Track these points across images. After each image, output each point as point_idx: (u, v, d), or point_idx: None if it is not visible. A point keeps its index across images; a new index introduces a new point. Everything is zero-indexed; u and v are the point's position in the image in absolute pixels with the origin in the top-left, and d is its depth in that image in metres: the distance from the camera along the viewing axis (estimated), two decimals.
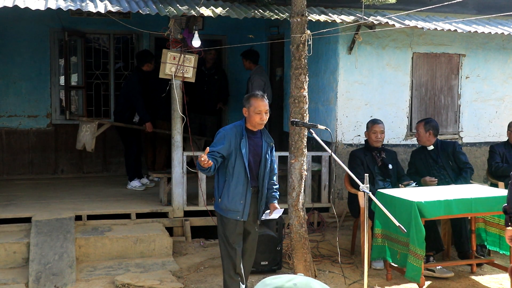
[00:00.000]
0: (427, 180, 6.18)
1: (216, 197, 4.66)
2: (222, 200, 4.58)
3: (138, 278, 5.48)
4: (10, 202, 6.96)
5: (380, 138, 6.30)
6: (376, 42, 7.23)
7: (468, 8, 7.58)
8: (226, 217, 4.61)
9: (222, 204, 4.60)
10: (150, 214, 6.81)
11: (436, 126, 6.44)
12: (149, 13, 6.05)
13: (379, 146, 6.32)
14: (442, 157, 6.36)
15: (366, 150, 6.34)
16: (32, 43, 8.68)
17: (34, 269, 5.48)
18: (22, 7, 5.70)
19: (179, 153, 6.73)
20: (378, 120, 6.43)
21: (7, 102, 8.69)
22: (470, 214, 5.56)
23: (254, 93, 4.71)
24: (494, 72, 7.75)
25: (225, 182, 4.58)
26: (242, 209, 4.58)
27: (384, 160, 6.28)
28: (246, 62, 8.42)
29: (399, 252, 5.29)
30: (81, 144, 7.55)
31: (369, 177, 6.01)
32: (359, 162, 6.21)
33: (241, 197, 4.57)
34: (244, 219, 4.62)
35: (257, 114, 4.55)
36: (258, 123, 4.60)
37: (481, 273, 5.89)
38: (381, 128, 6.31)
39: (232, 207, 4.57)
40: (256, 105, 4.55)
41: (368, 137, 6.34)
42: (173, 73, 6.48)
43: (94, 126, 7.46)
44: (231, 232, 4.63)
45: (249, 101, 4.59)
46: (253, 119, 4.57)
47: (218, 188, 4.64)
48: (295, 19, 5.27)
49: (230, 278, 4.68)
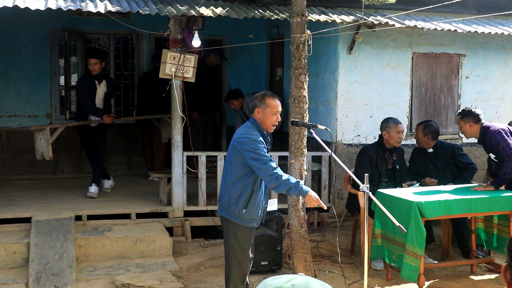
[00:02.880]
0: (427, 181, 6.17)
1: (238, 208, 4.23)
2: (247, 211, 4.23)
3: (138, 278, 5.48)
4: (10, 202, 6.97)
5: (402, 138, 6.12)
6: (376, 42, 7.23)
7: (468, 8, 7.58)
8: (247, 227, 4.31)
9: (246, 215, 4.24)
10: (150, 214, 6.81)
11: (435, 130, 6.27)
12: (149, 13, 6.05)
13: (399, 146, 6.16)
14: (442, 161, 6.32)
15: (379, 148, 6.15)
16: (32, 43, 8.67)
17: (34, 269, 5.48)
18: (22, 7, 5.70)
19: (179, 153, 6.73)
20: (398, 119, 6.23)
21: (7, 102, 8.69)
22: (470, 214, 5.56)
23: (267, 92, 4.43)
24: (494, 72, 7.75)
25: (252, 193, 4.24)
26: (259, 216, 4.35)
27: (394, 163, 6.14)
28: (236, 102, 8.20)
29: (395, 253, 5.30)
30: (39, 154, 7.27)
31: (375, 176, 6.01)
32: (368, 160, 6.07)
33: (260, 206, 4.32)
34: (258, 225, 4.42)
35: (274, 115, 4.26)
36: (273, 125, 4.31)
37: (481, 273, 5.90)
38: (403, 128, 6.13)
39: (255, 216, 4.30)
40: (274, 105, 4.26)
41: (389, 136, 6.05)
42: (173, 73, 6.48)
43: (47, 132, 7.17)
44: (250, 241, 4.38)
45: (264, 101, 4.27)
46: (269, 120, 4.27)
47: (243, 200, 4.22)
48: (295, 19, 5.28)
49: None
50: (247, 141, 4.16)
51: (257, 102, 4.30)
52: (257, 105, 4.29)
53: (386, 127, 6.08)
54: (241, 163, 4.21)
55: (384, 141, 6.10)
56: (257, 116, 4.28)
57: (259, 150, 4.12)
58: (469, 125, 5.77)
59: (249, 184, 4.22)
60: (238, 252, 4.33)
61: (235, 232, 4.31)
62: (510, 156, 5.51)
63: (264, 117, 4.26)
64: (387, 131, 6.07)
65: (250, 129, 4.24)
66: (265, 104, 4.25)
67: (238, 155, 4.21)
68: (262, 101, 4.27)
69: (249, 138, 4.16)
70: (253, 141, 4.14)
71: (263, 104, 4.26)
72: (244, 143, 4.16)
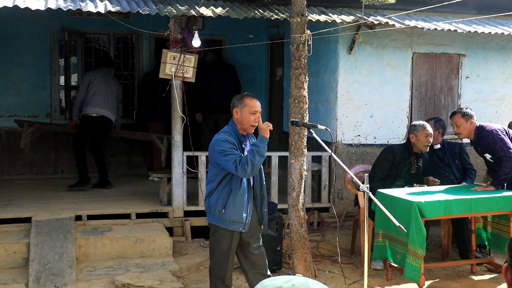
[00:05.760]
0: (430, 180, 6.16)
1: (218, 209, 4.26)
2: (226, 211, 4.23)
3: (138, 278, 5.49)
4: (10, 202, 6.96)
5: (430, 142, 5.96)
6: (376, 42, 7.23)
7: (468, 8, 7.58)
8: (228, 230, 4.30)
9: (225, 216, 4.24)
10: (150, 214, 6.81)
11: (444, 125, 6.45)
12: (149, 13, 6.05)
13: (426, 151, 6.04)
14: (449, 156, 6.36)
15: (406, 151, 5.98)
16: (32, 43, 8.67)
17: (34, 269, 5.48)
18: (22, 7, 5.70)
19: (179, 153, 6.73)
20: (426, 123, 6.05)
21: (7, 102, 8.69)
22: (470, 214, 5.56)
23: (247, 93, 4.45)
24: (494, 72, 7.75)
25: (231, 192, 4.25)
26: (245, 220, 4.29)
27: (418, 169, 6.03)
28: None
29: (399, 252, 5.30)
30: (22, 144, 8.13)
31: (391, 176, 5.96)
32: (391, 160, 5.91)
33: (244, 207, 4.28)
34: (245, 230, 4.33)
35: (252, 114, 4.27)
36: (252, 125, 4.30)
37: (481, 273, 5.90)
38: (431, 132, 5.93)
39: (237, 219, 4.26)
40: (252, 105, 4.28)
41: (416, 140, 5.87)
42: (173, 73, 6.48)
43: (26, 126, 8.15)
44: (230, 244, 4.34)
45: (243, 100, 4.30)
46: (247, 120, 4.28)
47: (221, 199, 4.25)
48: (295, 19, 5.28)
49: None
50: (215, 143, 4.26)
51: (235, 102, 4.34)
52: (235, 105, 4.33)
53: (413, 131, 5.93)
54: (215, 164, 4.30)
55: (411, 144, 5.97)
56: (235, 116, 4.32)
57: (226, 150, 4.16)
58: (470, 123, 5.79)
59: (225, 183, 4.26)
60: (217, 253, 4.38)
61: (215, 233, 4.36)
62: (508, 156, 5.51)
63: (242, 117, 4.29)
64: (414, 135, 5.91)
65: (222, 133, 4.33)
66: (243, 104, 4.29)
67: (213, 158, 4.30)
68: (240, 100, 4.32)
69: (217, 139, 4.26)
70: (220, 141, 4.22)
71: (241, 104, 4.30)
72: (214, 145, 4.27)
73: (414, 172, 6.03)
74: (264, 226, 4.54)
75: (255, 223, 4.44)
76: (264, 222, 4.48)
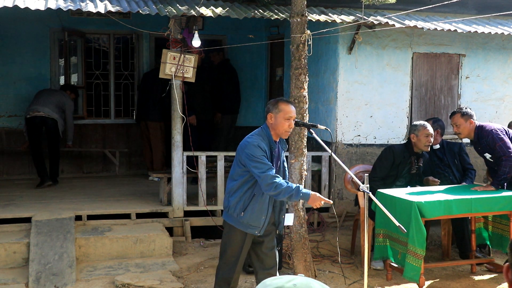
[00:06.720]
0: (429, 180, 6.15)
1: (237, 211, 4.20)
2: (245, 215, 4.17)
3: (138, 278, 5.49)
4: (10, 202, 6.96)
5: (431, 142, 5.94)
6: (376, 42, 7.23)
7: (468, 8, 7.58)
8: (243, 232, 4.23)
9: (243, 219, 4.18)
10: (150, 214, 6.81)
11: (443, 125, 6.45)
12: (149, 13, 6.05)
13: (427, 151, 6.01)
14: (449, 156, 6.36)
15: (407, 151, 5.97)
16: (32, 43, 8.67)
17: (34, 269, 5.48)
18: (22, 7, 5.70)
19: (179, 153, 6.73)
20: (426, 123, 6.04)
21: (7, 102, 8.69)
22: (470, 214, 5.56)
23: (282, 98, 4.35)
24: (494, 72, 7.75)
25: (252, 197, 4.17)
26: (262, 224, 4.22)
27: (418, 169, 6.02)
28: None
29: (400, 252, 5.30)
30: None
31: (391, 176, 5.96)
32: (392, 159, 5.90)
33: (264, 213, 4.22)
34: (260, 234, 4.27)
35: (287, 120, 4.16)
36: (286, 131, 4.21)
37: (481, 273, 5.90)
38: (432, 132, 5.91)
39: (255, 223, 4.20)
40: (287, 110, 4.16)
41: (417, 139, 5.85)
42: (173, 73, 6.48)
43: None
44: (245, 247, 4.29)
45: (278, 105, 4.18)
46: (282, 126, 4.17)
47: (242, 202, 4.18)
48: (295, 19, 5.28)
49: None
50: (246, 145, 4.14)
51: (270, 106, 4.24)
52: (270, 109, 4.22)
53: (414, 130, 5.91)
54: (242, 166, 4.19)
55: (412, 144, 5.95)
56: (270, 122, 4.22)
57: (257, 156, 4.06)
58: (470, 122, 5.79)
59: (249, 187, 4.18)
60: (228, 253, 4.31)
61: (230, 233, 4.29)
62: (508, 155, 5.51)
63: (276, 123, 4.18)
64: (415, 134, 5.89)
65: (255, 135, 4.20)
66: (278, 109, 4.18)
67: (240, 158, 4.19)
68: (275, 105, 4.20)
69: (249, 142, 4.14)
70: (252, 146, 4.10)
71: (276, 109, 4.18)
72: (245, 147, 4.15)
73: (415, 172, 6.02)
74: (279, 231, 4.47)
75: (271, 225, 4.37)
76: (280, 228, 4.43)
